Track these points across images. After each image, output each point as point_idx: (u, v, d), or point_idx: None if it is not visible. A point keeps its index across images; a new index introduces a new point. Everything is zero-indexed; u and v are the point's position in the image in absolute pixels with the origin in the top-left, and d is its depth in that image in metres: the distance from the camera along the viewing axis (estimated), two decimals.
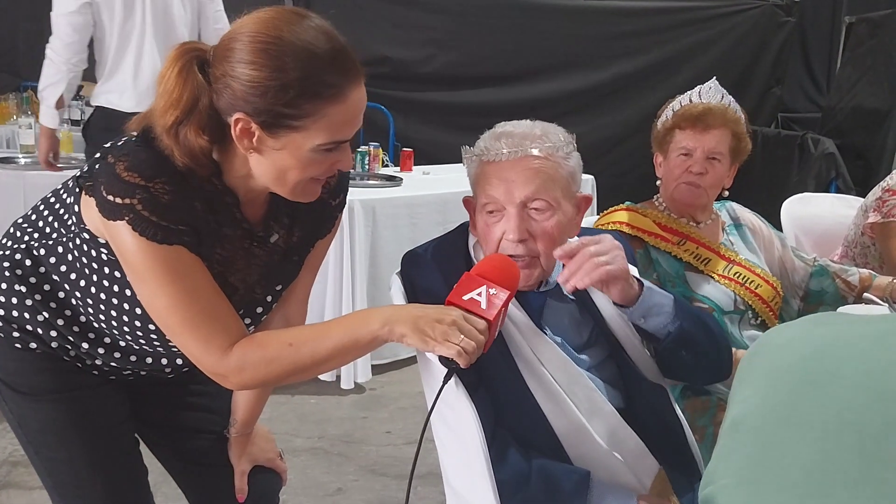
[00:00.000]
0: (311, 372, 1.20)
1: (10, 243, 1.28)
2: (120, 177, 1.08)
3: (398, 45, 5.22)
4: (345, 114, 1.09)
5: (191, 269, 1.13)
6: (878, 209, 2.36)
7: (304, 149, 1.08)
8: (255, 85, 1.04)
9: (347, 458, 2.72)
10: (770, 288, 1.89)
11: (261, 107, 1.05)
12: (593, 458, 1.30)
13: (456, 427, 1.16)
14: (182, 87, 1.06)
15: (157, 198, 1.08)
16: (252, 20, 1.07)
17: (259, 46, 1.04)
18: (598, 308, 1.40)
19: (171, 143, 1.07)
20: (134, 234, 1.08)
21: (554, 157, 1.31)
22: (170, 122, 1.06)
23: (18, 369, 1.28)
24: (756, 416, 0.75)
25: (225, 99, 1.07)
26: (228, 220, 1.18)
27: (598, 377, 1.38)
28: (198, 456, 1.48)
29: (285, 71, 1.03)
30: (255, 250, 1.24)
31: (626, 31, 5.59)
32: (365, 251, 3.31)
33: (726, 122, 1.83)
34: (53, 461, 1.32)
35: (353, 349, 1.17)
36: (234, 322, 1.18)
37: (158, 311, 1.15)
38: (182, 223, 1.10)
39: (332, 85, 1.06)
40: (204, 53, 1.09)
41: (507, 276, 1.21)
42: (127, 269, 1.14)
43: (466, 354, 1.11)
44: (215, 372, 1.17)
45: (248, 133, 1.07)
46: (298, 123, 1.06)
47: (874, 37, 5.04)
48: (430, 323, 1.12)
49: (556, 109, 5.45)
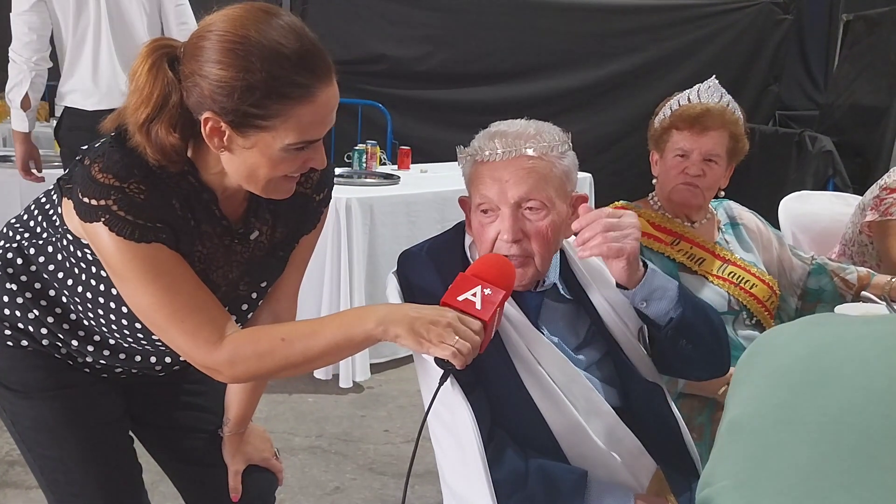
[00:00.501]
0: (303, 367, 1.19)
1: (3, 242, 1.28)
2: (95, 178, 1.08)
3: (395, 42, 5.22)
4: (314, 114, 1.08)
5: (170, 266, 1.12)
6: (876, 207, 2.36)
7: (274, 148, 1.08)
8: (223, 85, 1.03)
9: (346, 457, 2.72)
10: (766, 287, 1.88)
11: (228, 106, 1.04)
12: (591, 457, 1.30)
13: (452, 427, 1.16)
14: (153, 84, 1.05)
15: (132, 197, 1.07)
16: (221, 17, 1.06)
17: (227, 46, 1.03)
18: (596, 307, 1.40)
19: (142, 141, 1.07)
20: (111, 234, 1.08)
21: (548, 156, 1.31)
22: (141, 120, 1.06)
23: (10, 367, 1.28)
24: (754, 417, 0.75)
25: (194, 97, 1.06)
26: (207, 217, 1.18)
27: (595, 376, 1.38)
28: (193, 455, 1.48)
29: (252, 71, 1.02)
30: (236, 247, 1.24)
31: (623, 28, 5.60)
32: (363, 249, 3.30)
33: (724, 124, 1.81)
34: (46, 459, 1.32)
35: (347, 347, 1.17)
36: (220, 314, 1.17)
37: (142, 309, 1.15)
38: (159, 221, 1.10)
39: (300, 85, 1.05)
40: (174, 50, 1.08)
41: (502, 276, 1.21)
42: (108, 270, 1.15)
43: (461, 356, 1.11)
44: (206, 366, 1.17)
45: (218, 132, 1.07)
46: (267, 123, 1.06)
47: (872, 34, 5.05)
48: (426, 325, 1.11)
49: (553, 107, 5.46)
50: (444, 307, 1.15)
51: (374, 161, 3.99)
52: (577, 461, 1.31)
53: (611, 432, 1.34)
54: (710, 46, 5.71)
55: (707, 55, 5.69)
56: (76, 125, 2.87)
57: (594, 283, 1.42)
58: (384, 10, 5.28)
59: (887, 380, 0.67)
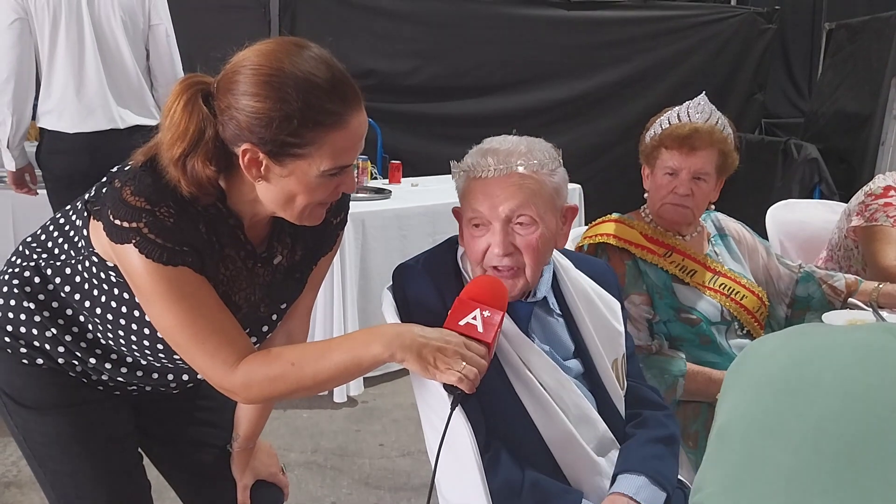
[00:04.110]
0: (315, 389, 1.23)
1: (20, 261, 1.31)
2: (126, 201, 1.11)
3: (384, 57, 5.24)
4: (347, 140, 1.12)
5: (196, 288, 1.15)
6: (861, 213, 2.40)
7: (310, 175, 1.12)
8: (260, 116, 1.07)
9: (341, 472, 2.73)
10: (755, 298, 1.91)
11: (266, 137, 1.08)
12: (581, 465, 1.33)
13: (449, 439, 1.17)
14: (189, 120, 1.09)
15: (162, 221, 1.10)
16: (254, 52, 1.10)
17: (262, 79, 1.07)
18: (579, 328, 1.43)
19: (177, 174, 1.10)
20: (141, 256, 1.11)
21: (539, 174, 1.33)
22: (177, 155, 1.09)
23: (24, 384, 1.30)
24: (740, 424, 0.77)
25: (231, 130, 1.09)
26: (231, 242, 1.21)
27: (584, 385, 1.40)
28: (201, 469, 1.50)
29: (288, 102, 1.06)
30: (258, 270, 1.27)
31: (609, 40, 5.65)
32: (355, 264, 3.32)
33: (713, 143, 1.82)
34: (57, 474, 1.34)
35: (356, 370, 1.20)
36: (240, 337, 1.20)
37: (167, 329, 1.18)
38: (186, 245, 1.13)
39: (334, 113, 1.09)
40: (208, 86, 1.12)
41: (497, 297, 1.24)
42: (136, 291, 1.17)
43: (469, 381, 1.15)
44: (222, 387, 1.21)
45: (256, 162, 1.11)
46: (303, 151, 1.09)
47: (854, 42, 5.12)
48: (433, 352, 1.15)
49: (542, 118, 5.50)
50: (449, 331, 1.18)
51: (366, 176, 4.01)
52: (568, 468, 1.33)
53: (601, 440, 1.36)
54: (696, 56, 5.77)
55: (692, 65, 5.75)
56: (56, 149, 2.78)
57: (580, 305, 1.44)
58: (372, 26, 5.31)
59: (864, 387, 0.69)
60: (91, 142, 2.79)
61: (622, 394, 1.44)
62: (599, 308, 1.46)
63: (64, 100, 2.78)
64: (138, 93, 2.91)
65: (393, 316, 1.39)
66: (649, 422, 1.43)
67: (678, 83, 5.66)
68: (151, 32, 2.91)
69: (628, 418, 1.45)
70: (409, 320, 1.29)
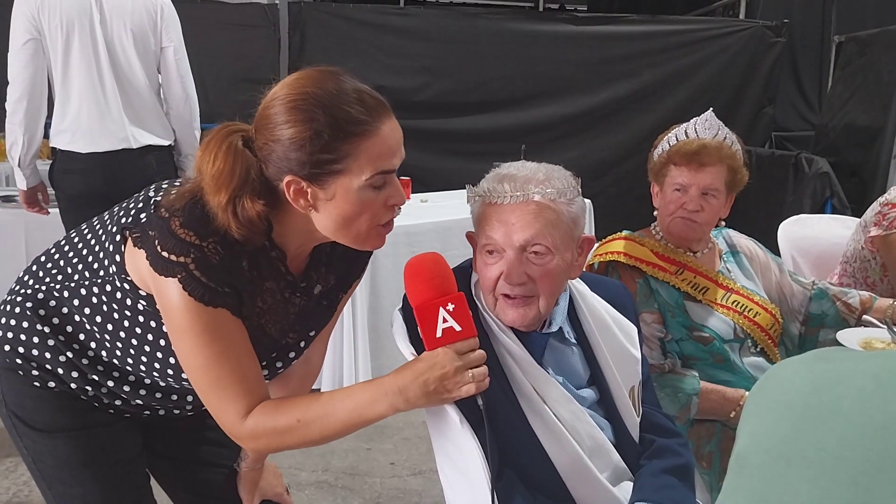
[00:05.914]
0: (321, 442, 1.23)
1: (33, 282, 1.31)
2: (175, 233, 1.11)
3: (392, 74, 5.28)
4: (381, 145, 1.13)
5: (228, 331, 1.16)
6: (879, 223, 2.39)
7: (353, 189, 1.12)
8: (294, 141, 1.09)
9: (352, 492, 2.71)
10: (768, 316, 1.89)
11: (303, 159, 1.09)
12: (596, 496, 1.30)
13: (462, 466, 1.16)
14: (233, 162, 1.10)
15: (209, 258, 1.11)
16: (282, 85, 1.14)
17: (291, 105, 1.10)
18: (596, 356, 1.41)
19: (227, 219, 1.10)
20: (183, 293, 1.11)
21: (556, 202, 1.30)
22: (225, 200, 1.09)
23: (35, 407, 1.30)
24: (759, 451, 0.76)
25: (273, 165, 1.11)
26: (272, 275, 1.22)
27: (599, 413, 1.39)
28: (208, 489, 1.50)
29: (316, 119, 1.09)
30: (295, 300, 1.28)
31: (617, 55, 5.67)
32: (365, 281, 3.30)
33: (721, 159, 1.82)
34: (67, 497, 1.34)
35: (361, 426, 1.21)
36: (258, 387, 1.21)
37: (191, 367, 1.18)
38: (228, 286, 1.14)
39: (361, 121, 1.11)
40: (247, 132, 1.14)
41: (435, 275, 1.21)
42: (168, 323, 1.17)
43: (481, 381, 1.16)
44: (231, 434, 1.21)
45: (302, 192, 1.12)
46: (340, 166, 1.11)
47: (863, 55, 5.11)
48: (438, 381, 1.15)
49: (550, 133, 5.51)
50: (434, 351, 1.17)
51: None
52: (582, 499, 1.31)
53: (616, 471, 1.34)
54: (705, 71, 5.77)
55: (701, 79, 5.76)
56: (69, 168, 2.79)
57: (598, 333, 1.42)
58: (381, 43, 5.35)
59: (882, 415, 0.68)
60: (104, 162, 2.80)
61: (637, 420, 1.42)
62: (616, 335, 1.44)
63: (79, 119, 2.79)
64: (152, 113, 2.93)
65: (404, 341, 1.37)
66: (663, 451, 1.41)
67: (687, 98, 5.66)
68: (163, 55, 2.93)
69: (642, 444, 1.43)
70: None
